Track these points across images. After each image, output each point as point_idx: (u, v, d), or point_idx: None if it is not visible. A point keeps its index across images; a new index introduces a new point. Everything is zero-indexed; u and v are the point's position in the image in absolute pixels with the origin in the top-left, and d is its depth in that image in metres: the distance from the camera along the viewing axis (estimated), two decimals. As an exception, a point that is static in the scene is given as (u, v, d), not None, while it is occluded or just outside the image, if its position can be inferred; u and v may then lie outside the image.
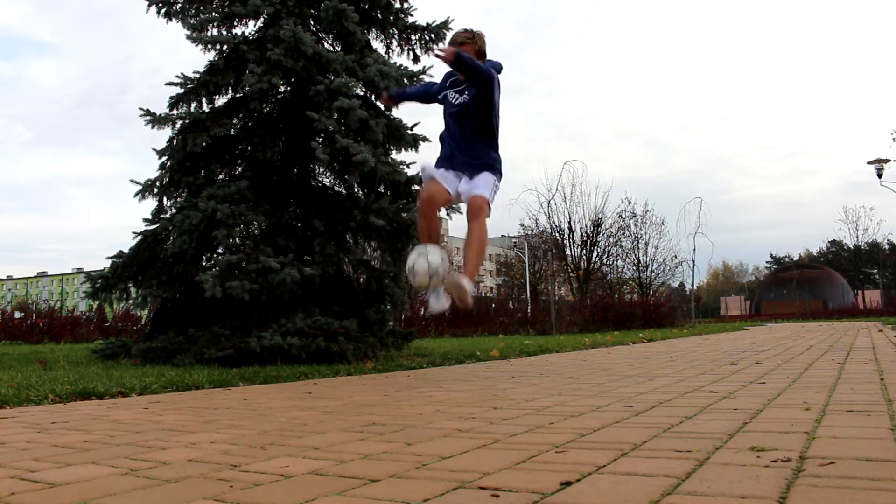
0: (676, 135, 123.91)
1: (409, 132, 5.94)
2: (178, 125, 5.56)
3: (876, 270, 54.81)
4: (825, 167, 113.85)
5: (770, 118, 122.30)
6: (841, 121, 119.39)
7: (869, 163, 22.82)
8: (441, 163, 3.53)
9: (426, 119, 8.04)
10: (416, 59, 6.36)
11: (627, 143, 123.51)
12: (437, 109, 3.72)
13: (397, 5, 6.26)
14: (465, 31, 3.59)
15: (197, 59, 9.43)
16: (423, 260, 3.16)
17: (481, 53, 3.56)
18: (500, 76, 3.56)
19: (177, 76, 5.61)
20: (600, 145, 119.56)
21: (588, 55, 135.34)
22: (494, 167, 3.49)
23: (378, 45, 6.34)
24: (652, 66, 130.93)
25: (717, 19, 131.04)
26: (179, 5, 5.98)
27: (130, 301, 5.75)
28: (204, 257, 5.61)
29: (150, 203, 5.70)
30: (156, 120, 5.40)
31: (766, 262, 71.06)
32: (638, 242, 28.31)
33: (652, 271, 28.75)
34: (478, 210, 3.34)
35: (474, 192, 3.38)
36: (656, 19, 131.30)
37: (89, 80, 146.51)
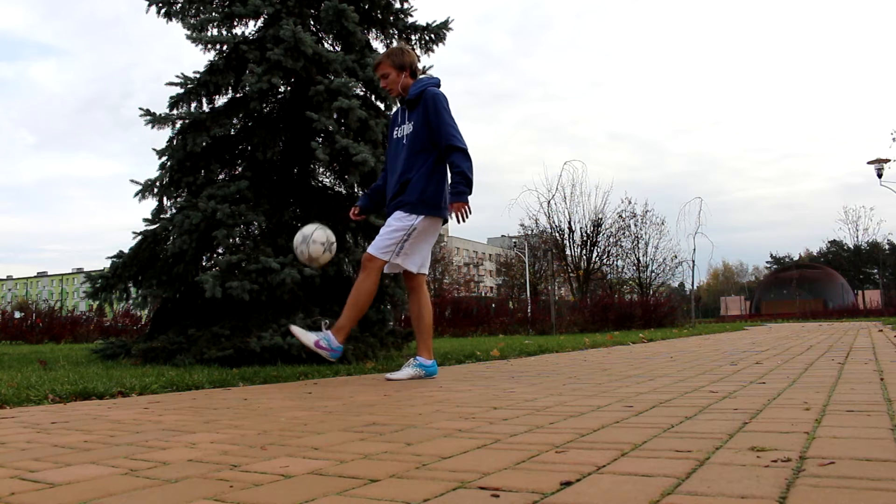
0: (670, 138, 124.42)
1: (409, 132, 5.93)
2: (178, 125, 5.55)
3: (876, 270, 54.81)
4: (818, 170, 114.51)
5: (762, 122, 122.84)
6: (832, 125, 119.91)
7: (869, 163, 22.89)
8: None
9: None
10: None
11: (622, 147, 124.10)
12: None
13: (397, 5, 6.25)
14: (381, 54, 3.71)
15: (198, 65, 9.45)
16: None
17: (404, 67, 3.59)
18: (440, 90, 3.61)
19: (177, 76, 5.61)
20: (596, 148, 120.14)
21: (582, 61, 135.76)
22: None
23: (378, 45, 6.34)
24: (646, 69, 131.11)
25: (708, 24, 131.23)
26: (179, 5, 5.98)
27: (130, 301, 5.74)
28: (204, 257, 5.61)
29: (150, 203, 5.70)
30: (156, 120, 5.40)
31: (766, 262, 71.14)
32: (638, 242, 28.38)
33: (652, 271, 28.81)
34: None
35: None
36: (648, 26, 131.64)
37: (93, 85, 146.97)
